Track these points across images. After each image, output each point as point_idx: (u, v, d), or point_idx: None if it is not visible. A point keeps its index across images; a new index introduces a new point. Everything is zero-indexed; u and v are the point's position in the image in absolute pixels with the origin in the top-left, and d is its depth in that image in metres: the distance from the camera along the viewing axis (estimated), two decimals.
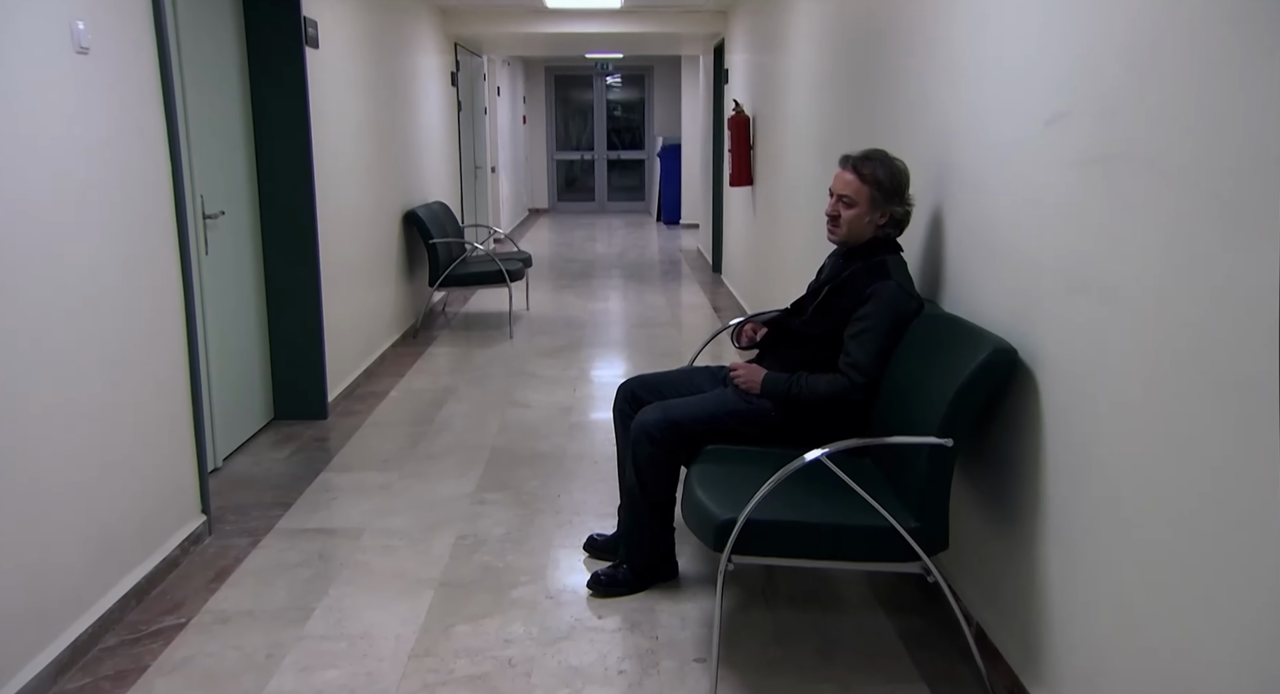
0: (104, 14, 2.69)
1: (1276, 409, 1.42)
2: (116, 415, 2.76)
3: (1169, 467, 1.71)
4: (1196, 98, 1.62)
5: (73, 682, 2.44)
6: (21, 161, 2.32)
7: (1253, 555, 1.49)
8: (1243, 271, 1.50)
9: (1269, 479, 1.44)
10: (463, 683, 2.46)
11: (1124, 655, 1.87)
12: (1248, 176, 1.49)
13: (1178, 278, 1.68)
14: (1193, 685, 1.64)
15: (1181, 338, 1.67)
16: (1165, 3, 1.72)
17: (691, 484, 2.58)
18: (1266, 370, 1.44)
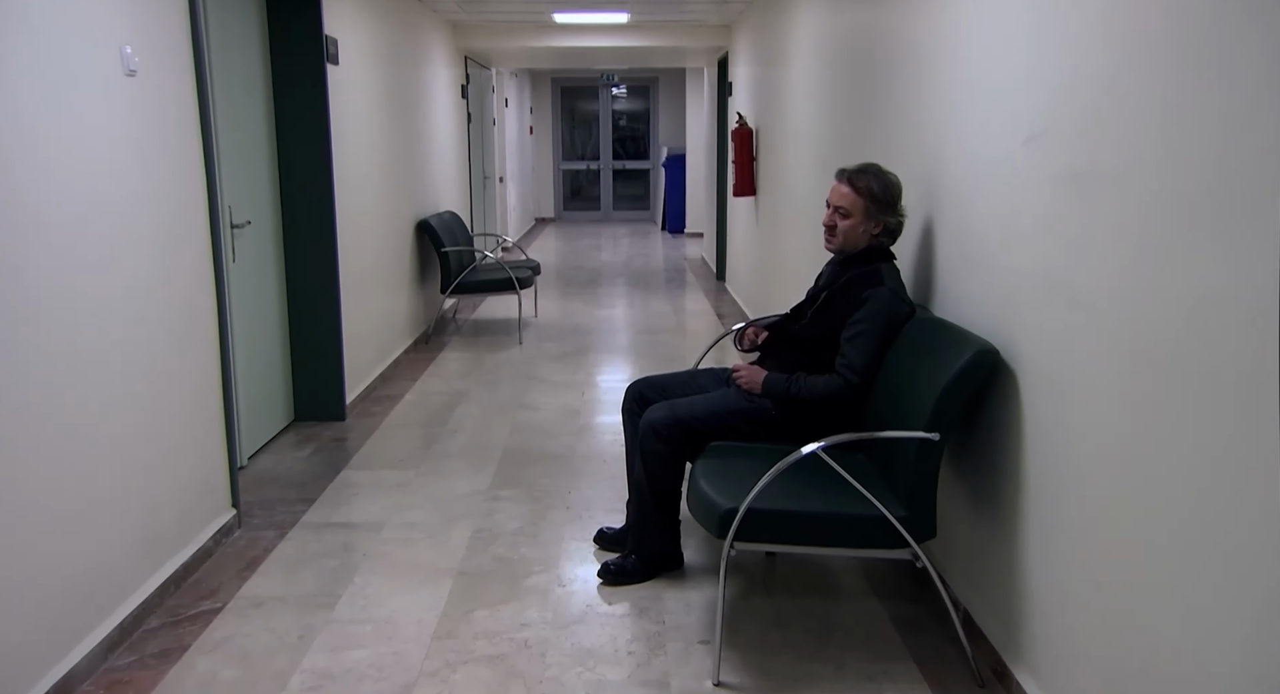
0: (149, 39, 2.89)
1: (1230, 400, 1.59)
2: (158, 415, 2.94)
3: (1134, 456, 1.88)
4: (1155, 122, 1.80)
5: (121, 659, 2.62)
6: (78, 175, 2.51)
7: (1214, 538, 1.66)
8: (1196, 277, 1.68)
9: (1227, 465, 1.62)
10: (482, 662, 2.63)
11: (1096, 633, 2.04)
12: (1200, 192, 1.67)
13: (1139, 283, 1.86)
14: (1159, 658, 1.82)
15: (1142, 337, 1.85)
16: (1128, 36, 1.90)
17: (696, 478, 2.76)
18: (1219, 366, 1.62)
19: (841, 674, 2.57)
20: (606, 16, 7.92)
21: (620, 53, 9.94)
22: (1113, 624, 1.96)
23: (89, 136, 2.57)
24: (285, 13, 4.43)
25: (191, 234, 3.18)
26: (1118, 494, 1.94)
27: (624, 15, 7.87)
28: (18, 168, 2.26)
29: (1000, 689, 2.49)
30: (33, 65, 2.32)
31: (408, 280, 6.43)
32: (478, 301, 8.48)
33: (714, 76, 9.88)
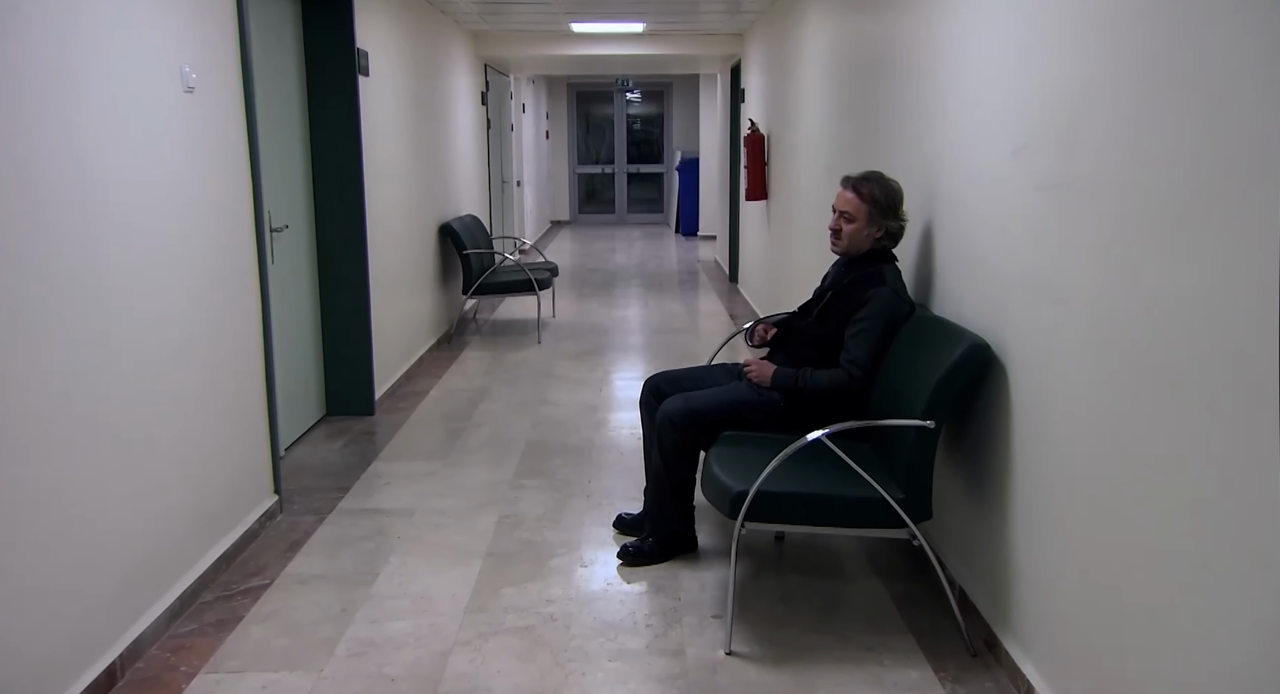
0: (205, 58, 3.12)
1: (1191, 386, 1.80)
2: (210, 406, 3.17)
3: (1107, 438, 2.09)
4: (1123, 138, 2.01)
5: (183, 626, 2.86)
6: (144, 182, 2.74)
7: (1182, 515, 1.87)
8: (1159, 277, 1.89)
9: (1191, 446, 1.83)
10: (512, 633, 2.85)
11: (1075, 605, 2.25)
12: (1162, 202, 1.87)
13: (1109, 282, 2.06)
14: (1131, 626, 2.02)
15: (1113, 331, 2.05)
16: (1100, 62, 2.11)
17: (710, 464, 2.97)
18: (1179, 357, 1.83)
19: (844, 645, 2.78)
20: (622, 26, 8.15)
21: (635, 60, 10.16)
22: (1089, 597, 2.16)
23: (153, 146, 2.80)
24: (320, 27, 4.67)
25: (240, 238, 3.42)
26: (1094, 476, 2.15)
27: (639, 25, 8.09)
28: (95, 174, 2.49)
29: (990, 658, 2.69)
30: (107, 83, 2.55)
31: (431, 282, 6.67)
32: (497, 302, 8.72)
33: (727, 83, 10.09)
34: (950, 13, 3.08)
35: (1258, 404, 1.57)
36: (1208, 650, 1.72)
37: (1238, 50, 1.62)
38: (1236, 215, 1.63)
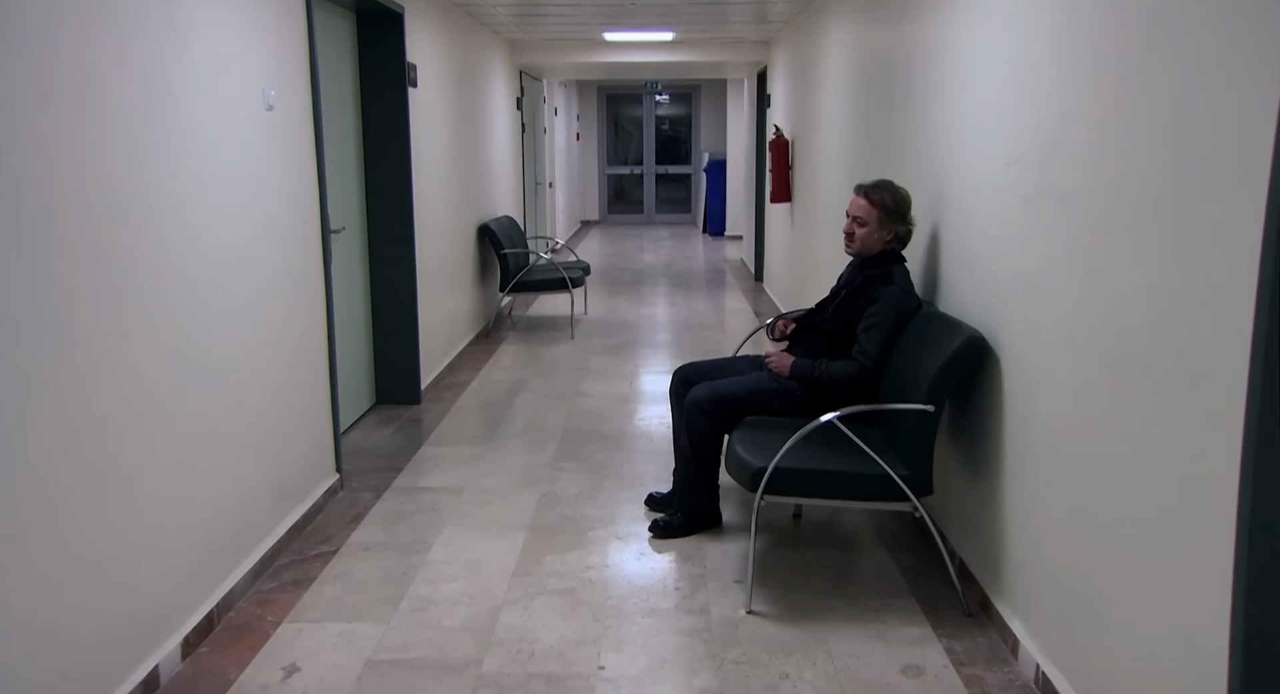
0: (282, 80, 3.49)
1: (1154, 373, 2.11)
2: (285, 391, 3.54)
3: (1081, 418, 2.40)
4: (1093, 157, 2.32)
5: (265, 584, 3.22)
6: (233, 192, 3.10)
7: (1146, 484, 2.18)
8: (1123, 277, 2.20)
9: (1156, 427, 2.14)
10: (555, 594, 3.19)
11: (1054, 564, 2.55)
12: (1123, 211, 2.18)
13: (1081, 280, 2.37)
14: (1099, 581, 2.33)
15: (1084, 323, 2.36)
16: (1078, 87, 2.42)
17: (733, 445, 3.30)
18: (1137, 344, 2.14)
19: (853, 607, 3.10)
20: (653, 34, 8.47)
21: (665, 66, 10.49)
22: (1066, 560, 2.47)
23: (241, 160, 3.17)
24: (374, 43, 5.03)
25: (308, 239, 3.78)
26: (1070, 452, 2.45)
27: (669, 33, 8.42)
28: (195, 185, 2.85)
29: (984, 617, 3.00)
30: (206, 103, 2.91)
31: (470, 280, 7.03)
32: (531, 299, 9.08)
33: (753, 88, 10.40)
34: (956, 36, 3.39)
35: (1202, 385, 1.88)
36: (1164, 604, 2.03)
37: (1182, 90, 1.93)
38: (1183, 223, 1.93)
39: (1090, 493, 2.33)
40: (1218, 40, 1.80)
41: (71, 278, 2.25)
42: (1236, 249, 1.73)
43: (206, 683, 2.66)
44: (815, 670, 2.72)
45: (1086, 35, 2.35)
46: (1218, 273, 1.80)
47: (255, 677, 2.69)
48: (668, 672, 2.72)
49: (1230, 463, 1.75)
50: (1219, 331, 1.79)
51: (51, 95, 2.17)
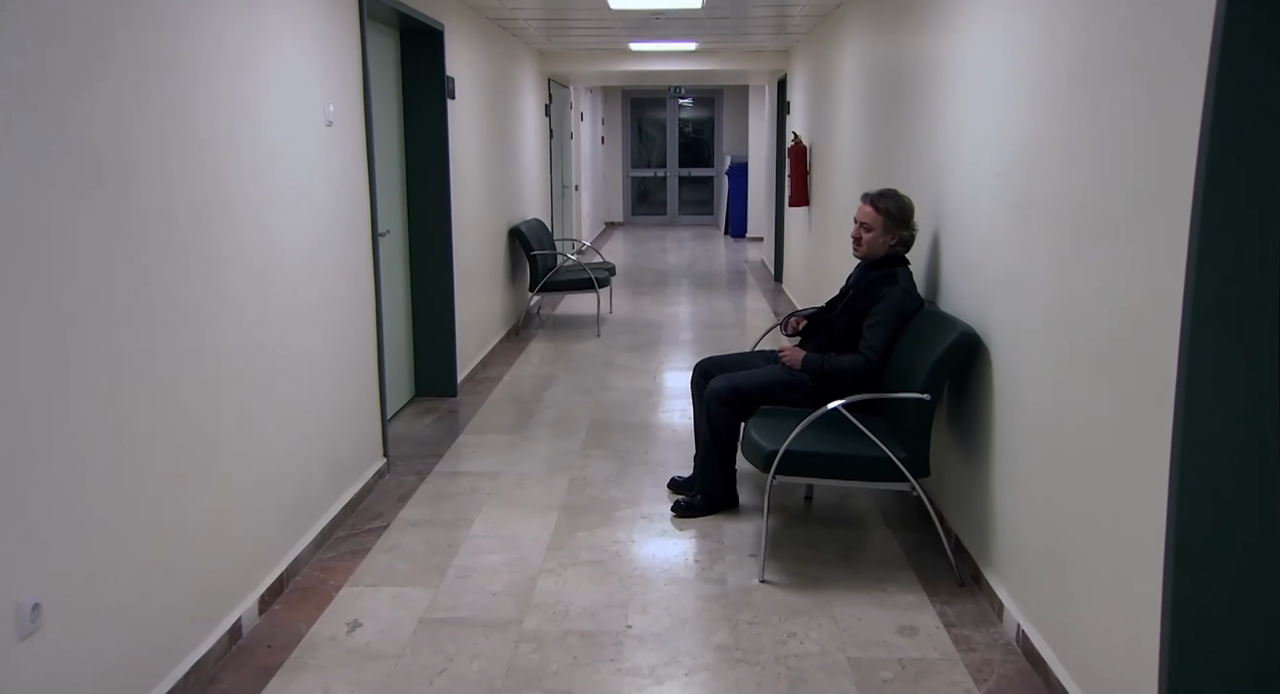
0: (340, 98, 3.84)
1: (1117, 362, 2.41)
2: (341, 381, 3.89)
3: (1053, 403, 2.71)
4: (1064, 173, 2.63)
5: (325, 554, 3.58)
6: (300, 194, 3.46)
7: (1100, 460, 2.49)
8: (1086, 278, 2.50)
9: (1106, 407, 2.44)
10: (586, 564, 3.53)
11: (1031, 536, 2.86)
12: (1087, 221, 2.49)
13: (1053, 281, 2.68)
14: (1069, 549, 2.64)
15: (1056, 318, 2.67)
16: (1050, 110, 2.73)
17: (749, 431, 3.62)
18: (1098, 339, 2.44)
19: (856, 577, 3.42)
20: (677, 45, 8.80)
21: (688, 73, 10.81)
22: (1041, 531, 2.78)
23: (306, 170, 3.52)
24: (416, 59, 5.39)
25: (360, 242, 4.14)
26: (1044, 434, 2.76)
27: (692, 44, 8.74)
28: (270, 194, 3.21)
29: (975, 587, 3.31)
30: (278, 121, 3.27)
31: (502, 280, 7.38)
32: (558, 299, 9.43)
33: (774, 94, 10.70)
34: (953, 55, 3.69)
35: (1145, 372, 2.18)
36: (1114, 566, 2.34)
37: (1129, 120, 2.24)
38: (1131, 232, 2.24)
39: (1059, 470, 2.64)
40: (1156, 81, 2.11)
41: (173, 279, 2.60)
42: (1172, 254, 2.04)
43: (281, 634, 3.01)
44: (820, 630, 3.04)
45: (1058, 67, 2.66)
46: (1159, 274, 2.10)
47: (323, 630, 3.04)
48: (688, 630, 3.05)
49: (1165, 440, 2.06)
50: (1158, 325, 2.10)
51: (160, 120, 2.52)
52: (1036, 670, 2.77)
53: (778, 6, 6.62)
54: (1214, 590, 2.02)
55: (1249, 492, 1.98)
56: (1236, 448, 1.98)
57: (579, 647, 2.94)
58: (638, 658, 2.88)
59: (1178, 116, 2.02)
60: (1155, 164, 2.12)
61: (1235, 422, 1.97)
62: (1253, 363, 1.95)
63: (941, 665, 2.84)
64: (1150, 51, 2.15)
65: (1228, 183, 1.89)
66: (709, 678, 2.77)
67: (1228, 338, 1.94)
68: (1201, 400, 1.97)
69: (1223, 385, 1.96)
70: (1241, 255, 1.92)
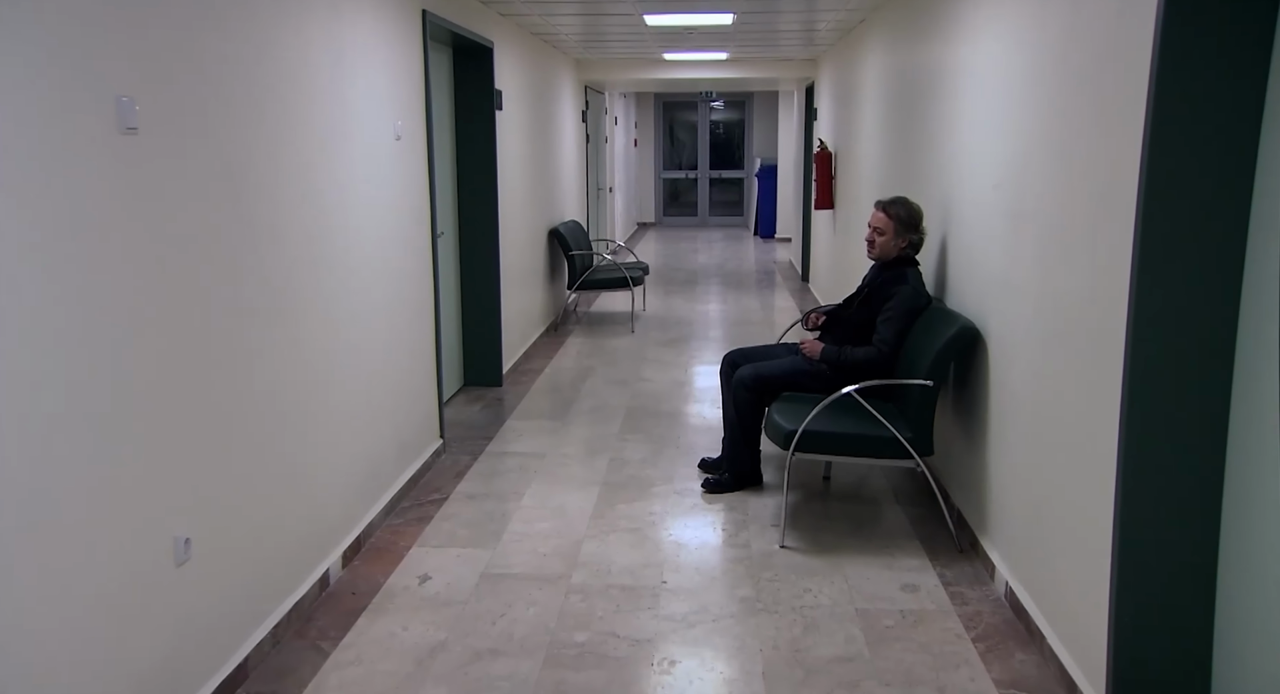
0: (407, 114, 4.30)
1: (1088, 351, 2.82)
2: (406, 369, 4.35)
3: (1036, 387, 3.10)
4: (1045, 187, 3.02)
5: (394, 520, 4.04)
6: (374, 202, 3.91)
7: (1070, 435, 2.89)
8: (1070, 278, 2.90)
9: (1091, 394, 2.85)
10: (625, 531, 3.96)
11: (1017, 505, 3.26)
12: (1067, 228, 2.89)
13: (1037, 281, 3.08)
14: (1045, 514, 3.04)
15: (1039, 314, 3.06)
16: (1031, 133, 3.12)
17: (772, 414, 4.04)
18: (1070, 330, 2.84)
19: (867, 545, 3.82)
20: (709, 54, 9.22)
21: (719, 80, 11.22)
22: (1026, 501, 3.18)
23: (380, 179, 3.98)
24: (468, 74, 5.84)
25: (421, 242, 4.59)
26: (1028, 415, 3.16)
27: (724, 53, 9.15)
28: (351, 203, 3.67)
29: (972, 553, 3.71)
30: (358, 138, 3.73)
31: (542, 278, 7.84)
32: (594, 297, 9.87)
33: (802, 100, 11.08)
34: (958, 73, 4.09)
35: (1106, 359, 2.58)
36: (1076, 527, 2.73)
37: (1093, 147, 2.64)
38: (1093, 240, 2.64)
39: (1039, 445, 3.03)
40: (1110, 115, 2.50)
41: (281, 277, 3.06)
42: (1122, 260, 2.44)
43: (363, 584, 3.47)
44: (832, 587, 3.46)
45: (1039, 95, 3.06)
46: (1114, 276, 2.50)
47: (398, 582, 3.49)
48: (716, 585, 3.47)
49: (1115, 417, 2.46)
50: (1112, 320, 2.50)
51: (271, 145, 2.98)
52: (1020, 620, 3.17)
53: (805, 22, 7.02)
54: (1150, 544, 2.42)
55: (1183, 462, 2.38)
56: (1173, 426, 2.37)
57: (621, 597, 3.37)
58: (672, 607, 3.31)
59: (1125, 147, 2.42)
60: (1109, 184, 2.52)
61: (1172, 408, 2.36)
62: (1186, 355, 2.34)
63: (937, 616, 3.24)
64: (1105, 90, 2.55)
65: (1163, 201, 2.29)
66: (733, 623, 3.20)
67: (1163, 332, 2.34)
68: (1143, 389, 2.36)
69: (1160, 376, 2.35)
70: (1174, 264, 2.31)
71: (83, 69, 2.09)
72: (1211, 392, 2.35)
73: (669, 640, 3.08)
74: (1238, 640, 2.33)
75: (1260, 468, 2.23)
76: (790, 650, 3.02)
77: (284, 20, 3.07)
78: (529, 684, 2.82)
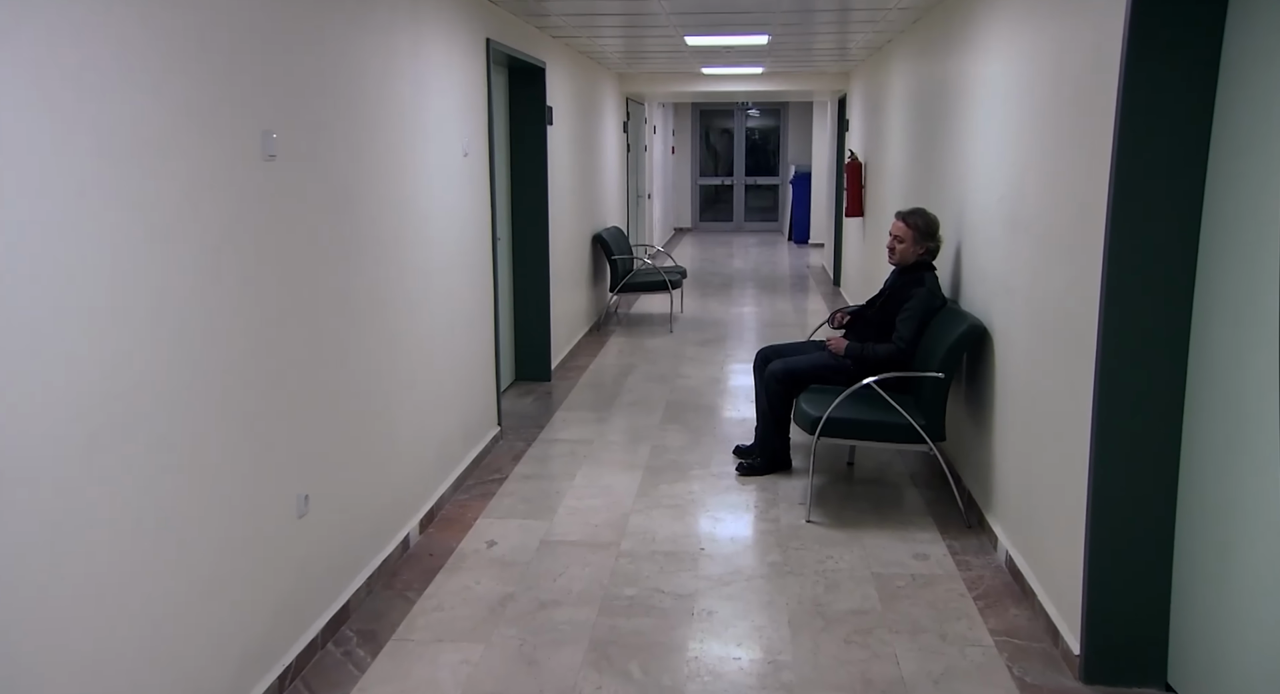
0: (472, 133, 4.81)
1: (1073, 345, 3.24)
2: (468, 361, 4.85)
3: (1030, 377, 3.53)
4: (1039, 199, 3.45)
5: (461, 496, 4.54)
6: (446, 213, 4.41)
7: (1055, 420, 3.31)
8: (1054, 282, 3.33)
9: (1073, 381, 3.27)
10: (668, 508, 4.42)
11: (1015, 483, 3.68)
12: (1053, 236, 3.32)
13: (1032, 283, 3.50)
14: (1037, 488, 3.47)
15: (1033, 312, 3.49)
16: (1030, 151, 3.56)
17: (800, 404, 4.49)
18: (1057, 327, 3.27)
19: (885, 521, 4.26)
20: (745, 69, 9.67)
21: (755, 92, 11.66)
22: (1021, 479, 3.60)
23: (450, 191, 4.48)
24: (523, 92, 6.34)
25: (484, 249, 5.09)
26: (1023, 402, 3.58)
27: (759, 68, 9.60)
28: (427, 215, 4.16)
29: (979, 529, 4.13)
30: (433, 155, 4.23)
31: (586, 281, 8.32)
32: (633, 299, 10.35)
33: (835, 111, 11.50)
34: (970, 94, 4.52)
35: (1082, 352, 3.01)
36: (1060, 499, 3.15)
37: (1074, 167, 3.07)
38: (1074, 246, 3.07)
39: (1032, 430, 3.46)
40: (1091, 142, 2.93)
41: (376, 279, 3.56)
42: (1095, 267, 2.86)
43: (438, 547, 3.96)
44: (851, 555, 3.90)
45: (1036, 117, 3.48)
46: (1090, 280, 2.93)
47: (469, 546, 3.98)
48: (748, 552, 3.93)
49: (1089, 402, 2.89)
50: (1088, 318, 2.92)
51: (368, 165, 3.48)
52: (1016, 583, 3.60)
53: (836, 42, 7.46)
54: (1116, 512, 2.84)
55: (1144, 443, 2.80)
56: (1136, 411, 2.79)
57: (664, 561, 3.84)
58: (709, 569, 3.77)
59: (1099, 170, 2.85)
60: (1087, 201, 2.94)
61: (1135, 396, 2.78)
62: (1148, 352, 2.76)
63: (944, 579, 3.68)
64: (1085, 118, 2.98)
65: (1128, 217, 2.72)
66: (764, 583, 3.65)
67: (1129, 330, 2.76)
68: (1111, 379, 2.79)
69: (1126, 368, 2.78)
70: (1136, 273, 2.74)
71: (243, 110, 2.60)
72: (1170, 383, 2.77)
73: (707, 595, 3.54)
74: (1191, 594, 2.75)
75: (1211, 446, 2.65)
76: (813, 605, 3.47)
77: (378, 59, 3.57)
78: (587, 627, 3.30)
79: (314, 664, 3.06)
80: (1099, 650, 2.90)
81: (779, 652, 3.15)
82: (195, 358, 2.42)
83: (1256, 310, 2.41)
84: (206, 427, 2.47)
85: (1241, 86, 2.51)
